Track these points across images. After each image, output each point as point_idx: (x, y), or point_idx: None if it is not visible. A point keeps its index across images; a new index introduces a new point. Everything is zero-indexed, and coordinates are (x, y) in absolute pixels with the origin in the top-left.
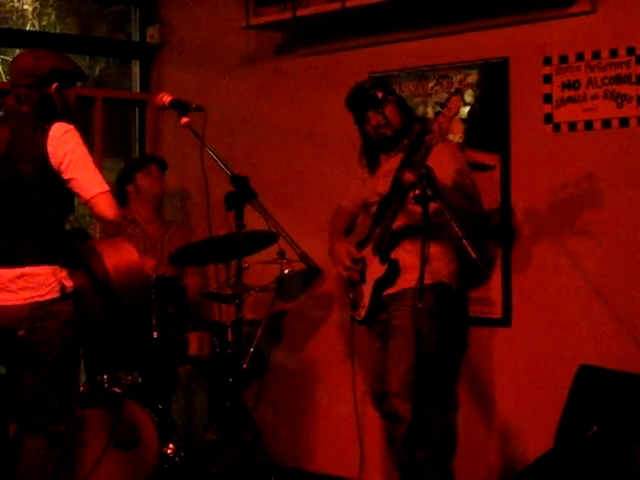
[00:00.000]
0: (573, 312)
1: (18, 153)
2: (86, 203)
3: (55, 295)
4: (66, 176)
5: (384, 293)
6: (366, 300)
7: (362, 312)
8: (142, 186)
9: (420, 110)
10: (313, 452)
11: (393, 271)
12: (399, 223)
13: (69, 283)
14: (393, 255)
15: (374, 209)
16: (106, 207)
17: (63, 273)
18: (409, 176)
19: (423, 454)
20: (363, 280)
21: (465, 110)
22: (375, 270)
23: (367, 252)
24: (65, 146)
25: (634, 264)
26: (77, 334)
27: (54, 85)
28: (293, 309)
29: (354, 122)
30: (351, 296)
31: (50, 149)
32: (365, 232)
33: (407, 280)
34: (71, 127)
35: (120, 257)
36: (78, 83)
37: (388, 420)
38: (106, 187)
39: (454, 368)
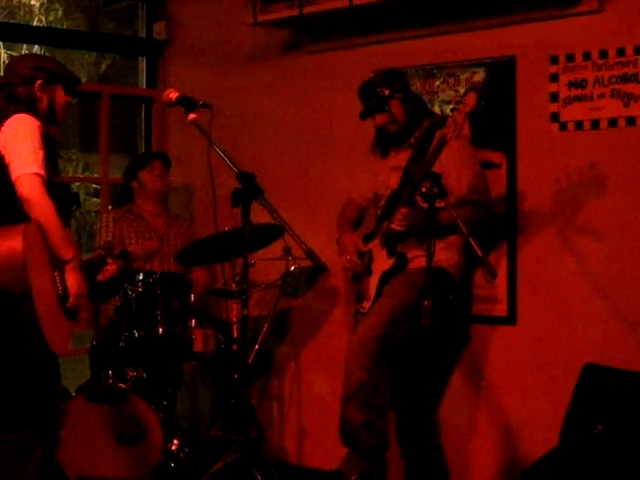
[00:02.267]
0: (578, 310)
1: None
2: (14, 184)
3: None
4: (5, 160)
5: None
6: (372, 293)
7: (367, 305)
8: (145, 182)
9: None
10: (317, 449)
11: (401, 264)
12: (408, 219)
13: None
14: (400, 248)
15: (383, 202)
16: (24, 187)
17: None
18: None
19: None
20: (369, 273)
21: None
22: (382, 262)
23: (374, 245)
24: (10, 130)
25: (637, 262)
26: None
27: (37, 82)
28: (298, 306)
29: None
30: (356, 289)
31: (1, 135)
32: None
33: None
34: (26, 117)
35: (2, 244)
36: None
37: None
38: (35, 170)
39: (445, 368)
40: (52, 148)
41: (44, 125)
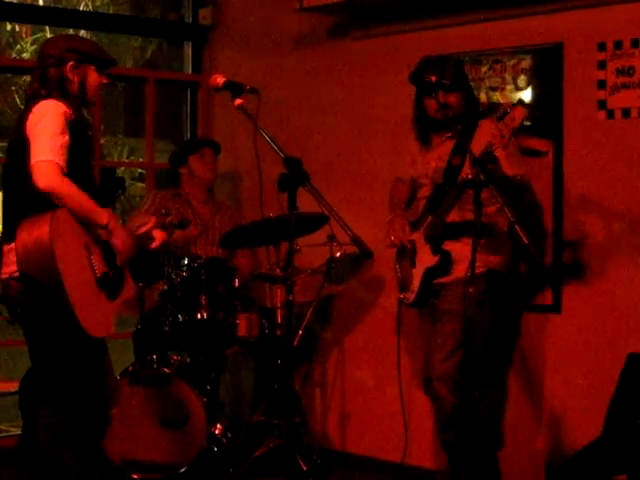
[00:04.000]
0: (624, 300)
1: (14, 129)
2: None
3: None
4: (30, 145)
5: (435, 281)
6: (415, 285)
7: (411, 296)
8: (195, 169)
9: None
10: (360, 435)
11: (445, 263)
12: (454, 217)
13: None
14: (445, 246)
15: (425, 192)
16: (39, 175)
17: None
18: (464, 170)
19: (467, 439)
20: (413, 264)
21: (519, 95)
22: (426, 257)
23: (418, 235)
24: (36, 117)
25: None
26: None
27: (69, 64)
28: (342, 292)
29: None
30: (399, 276)
31: (28, 123)
32: (418, 214)
33: (459, 270)
34: (51, 103)
35: (30, 233)
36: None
37: (436, 402)
38: (51, 157)
39: (506, 355)
40: (84, 131)
41: (75, 108)
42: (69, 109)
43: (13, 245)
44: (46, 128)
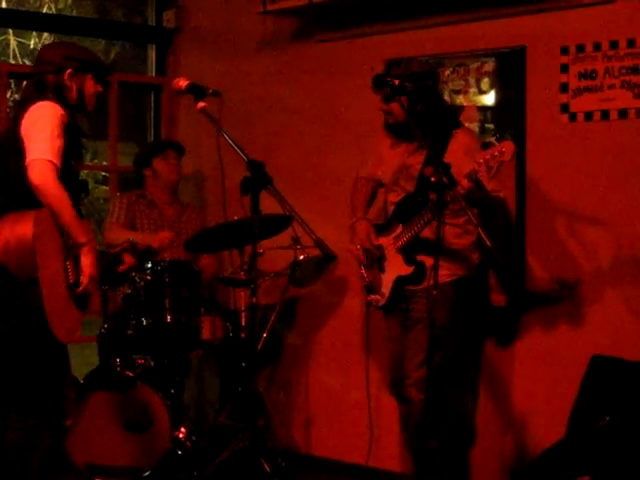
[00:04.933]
0: (587, 301)
1: (8, 130)
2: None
3: None
4: (25, 145)
5: (406, 287)
6: (385, 291)
7: (381, 300)
8: (159, 171)
9: None
10: (324, 438)
11: (420, 273)
12: (428, 233)
13: None
14: (418, 257)
15: (393, 197)
16: (36, 172)
17: None
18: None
19: (435, 443)
20: (381, 269)
21: (481, 98)
22: (397, 265)
23: (387, 241)
24: (31, 117)
25: None
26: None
27: (67, 71)
28: (307, 294)
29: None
30: (367, 280)
31: (23, 122)
32: (384, 217)
33: (431, 277)
34: (49, 104)
35: (13, 228)
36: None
37: (404, 405)
38: (48, 156)
39: (476, 359)
40: (76, 137)
41: (70, 114)
42: (65, 112)
43: None
44: (44, 128)
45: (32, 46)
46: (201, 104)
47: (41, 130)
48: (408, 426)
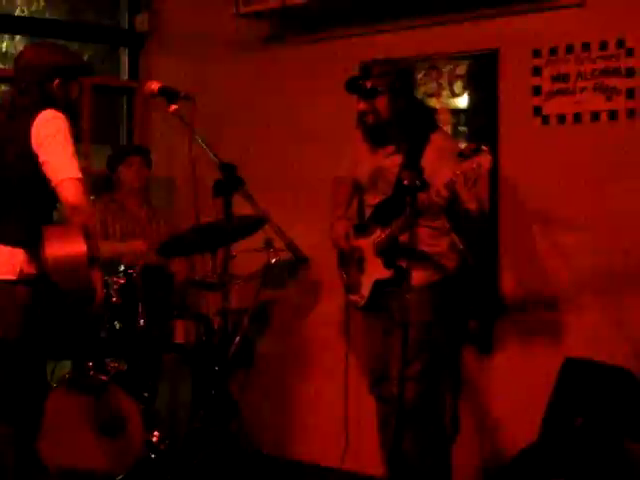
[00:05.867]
0: (562, 305)
1: (5, 137)
2: (55, 188)
3: (10, 277)
4: (41, 158)
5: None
6: (365, 292)
7: (360, 302)
8: (124, 178)
9: None
10: (299, 441)
11: (399, 277)
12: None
13: (28, 268)
14: (398, 261)
15: (373, 200)
16: (70, 193)
17: (21, 257)
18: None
19: (412, 444)
20: (360, 270)
21: (454, 101)
22: (376, 268)
23: (365, 243)
24: (46, 129)
25: (622, 256)
26: (35, 322)
27: (56, 81)
28: (280, 298)
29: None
30: (346, 280)
31: (34, 131)
32: (359, 215)
33: (414, 278)
34: (59, 114)
35: (62, 246)
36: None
37: (384, 404)
38: (77, 174)
39: (456, 357)
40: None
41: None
42: None
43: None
44: (66, 144)
45: (5, 49)
46: (173, 107)
47: (63, 145)
48: (387, 425)
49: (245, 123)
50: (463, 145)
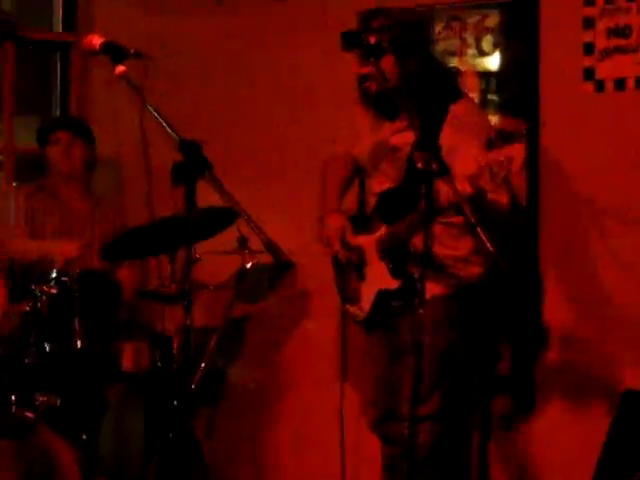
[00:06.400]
0: (613, 312)
1: None
2: None
3: None
4: None
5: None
6: (366, 305)
7: (360, 315)
8: (51, 159)
9: None
10: None
11: (408, 288)
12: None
13: None
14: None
15: (375, 187)
16: None
17: None
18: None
19: None
20: (360, 277)
21: (482, 61)
22: (380, 274)
23: (367, 242)
24: None
25: None
26: None
27: None
28: (257, 312)
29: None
30: (342, 289)
31: None
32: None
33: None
34: None
35: None
36: None
37: (390, 445)
38: None
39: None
40: None
41: None
42: None
43: None
44: None
45: None
46: (120, 68)
47: None
48: (394, 471)
49: (216, 90)
50: (493, 119)
